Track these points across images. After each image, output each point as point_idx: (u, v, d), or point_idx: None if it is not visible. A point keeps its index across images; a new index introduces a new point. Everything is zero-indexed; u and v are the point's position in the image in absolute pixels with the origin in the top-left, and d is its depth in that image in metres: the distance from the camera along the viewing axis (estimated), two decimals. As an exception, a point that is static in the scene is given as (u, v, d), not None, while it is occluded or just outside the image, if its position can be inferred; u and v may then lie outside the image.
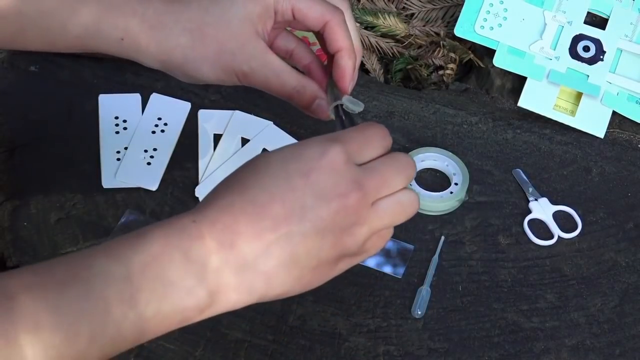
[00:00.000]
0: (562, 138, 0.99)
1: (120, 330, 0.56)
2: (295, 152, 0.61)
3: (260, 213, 0.59)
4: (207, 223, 0.59)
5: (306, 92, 0.76)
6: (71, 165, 0.94)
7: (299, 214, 0.59)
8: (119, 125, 0.97)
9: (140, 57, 0.75)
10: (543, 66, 1.01)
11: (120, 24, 0.74)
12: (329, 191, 0.60)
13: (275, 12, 0.76)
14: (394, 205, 0.63)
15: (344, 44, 0.76)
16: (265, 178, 0.60)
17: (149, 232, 0.58)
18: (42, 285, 0.55)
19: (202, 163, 0.94)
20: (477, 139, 0.99)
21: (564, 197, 0.94)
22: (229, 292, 0.59)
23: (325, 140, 0.61)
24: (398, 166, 0.63)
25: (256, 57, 0.75)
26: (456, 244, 0.90)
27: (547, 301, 0.87)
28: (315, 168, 0.60)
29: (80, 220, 0.90)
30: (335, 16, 0.76)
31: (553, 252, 0.90)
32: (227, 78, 0.75)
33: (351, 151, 0.61)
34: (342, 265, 0.63)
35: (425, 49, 1.10)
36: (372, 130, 0.64)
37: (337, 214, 0.60)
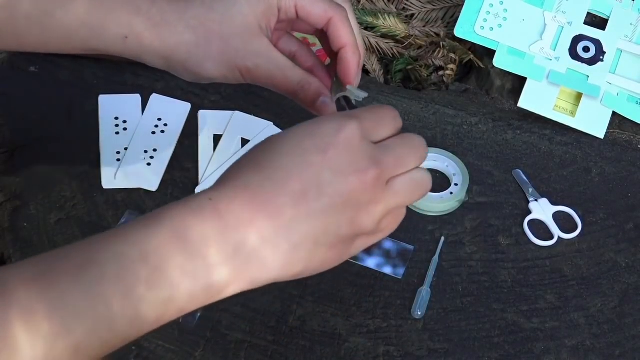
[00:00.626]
0: (562, 139, 0.99)
1: (138, 312, 0.56)
2: (310, 129, 0.61)
3: (278, 190, 0.58)
4: (224, 201, 0.58)
5: (311, 88, 0.76)
6: (71, 166, 0.94)
7: (316, 190, 0.59)
8: (119, 125, 0.97)
9: (144, 56, 0.75)
10: (543, 67, 1.01)
11: (124, 22, 0.74)
12: (346, 167, 0.59)
13: (279, 10, 0.76)
14: (409, 183, 0.63)
15: (349, 40, 0.76)
16: (281, 155, 0.59)
17: (164, 212, 0.58)
18: (57, 270, 0.55)
19: (202, 163, 0.94)
20: (477, 139, 0.99)
21: (564, 198, 0.94)
22: (247, 270, 0.58)
23: (340, 117, 0.61)
24: (411, 145, 0.64)
25: (260, 53, 0.75)
26: (456, 245, 0.90)
27: (547, 302, 0.87)
28: (332, 144, 0.59)
29: (81, 221, 0.90)
30: (339, 12, 0.76)
31: (553, 252, 0.90)
32: (230, 75, 0.75)
33: (366, 129, 0.61)
34: (359, 244, 0.63)
35: (425, 50, 1.10)
36: (384, 110, 0.65)
37: (355, 190, 0.59)
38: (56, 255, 0.57)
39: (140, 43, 0.74)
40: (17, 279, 0.54)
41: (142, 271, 0.55)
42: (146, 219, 0.58)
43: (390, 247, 0.89)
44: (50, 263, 0.56)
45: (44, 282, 0.54)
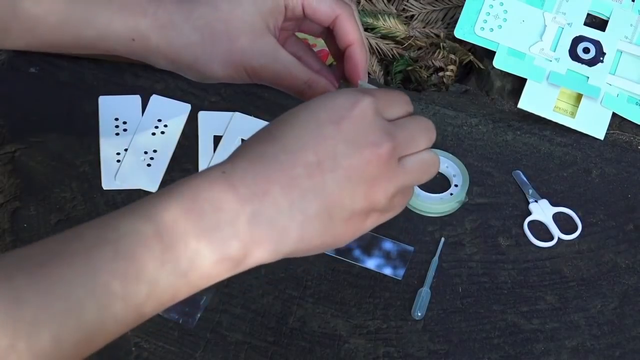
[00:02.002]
0: (562, 139, 0.99)
1: (153, 289, 0.55)
2: (325, 102, 0.61)
3: (293, 161, 0.58)
4: (238, 173, 0.58)
5: (318, 87, 0.76)
6: (71, 167, 0.94)
7: (331, 161, 0.59)
8: (118, 126, 0.97)
9: (151, 57, 0.75)
10: (543, 68, 1.01)
11: (131, 24, 0.74)
12: (361, 139, 0.59)
13: (286, 8, 0.76)
14: (420, 163, 0.63)
15: (356, 37, 0.77)
16: (296, 128, 0.59)
17: (176, 187, 0.58)
18: (69, 251, 0.55)
19: (202, 164, 0.94)
20: (477, 140, 0.99)
21: (564, 199, 0.94)
22: (263, 243, 0.58)
23: (355, 91, 0.62)
24: (423, 126, 0.64)
25: (267, 52, 0.75)
26: (456, 246, 0.90)
27: (547, 303, 0.87)
28: (347, 117, 0.60)
29: (80, 222, 0.89)
30: (346, 10, 0.76)
31: (553, 253, 0.90)
32: (237, 75, 0.75)
33: (380, 105, 0.62)
34: (371, 221, 0.63)
35: (425, 51, 1.10)
36: (397, 92, 0.65)
37: (369, 162, 0.60)
38: (67, 235, 0.57)
39: (146, 45, 0.74)
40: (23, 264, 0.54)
41: (157, 247, 0.55)
42: (159, 195, 0.57)
43: (390, 248, 0.89)
44: (62, 243, 0.56)
45: (52, 264, 0.54)
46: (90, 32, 0.74)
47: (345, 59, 0.77)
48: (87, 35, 0.74)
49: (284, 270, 0.88)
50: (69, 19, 0.74)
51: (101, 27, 0.74)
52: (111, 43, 0.75)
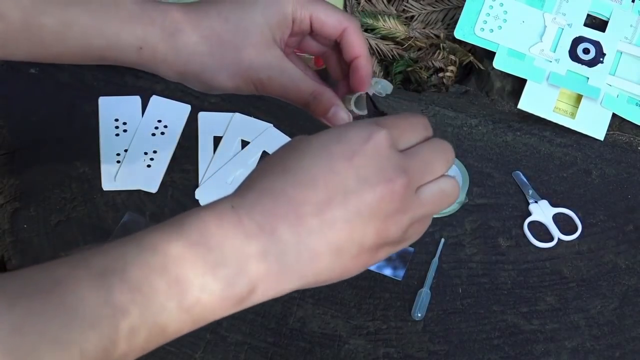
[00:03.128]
0: (562, 140, 0.99)
1: (157, 322, 0.55)
2: (338, 134, 0.59)
3: (302, 197, 0.57)
4: (246, 207, 0.57)
5: (323, 99, 0.76)
6: (71, 168, 0.94)
7: (342, 198, 0.57)
8: (119, 127, 0.97)
9: (158, 67, 0.75)
10: (543, 68, 1.01)
11: (140, 33, 0.74)
12: (373, 176, 0.58)
13: (293, 21, 0.76)
14: (437, 193, 0.62)
15: (363, 50, 0.77)
16: (307, 160, 0.58)
17: (185, 219, 0.57)
18: (74, 279, 0.54)
19: (202, 165, 0.95)
20: (477, 141, 0.99)
21: (564, 200, 0.94)
22: (269, 280, 0.57)
23: (369, 124, 0.60)
24: (438, 149, 0.63)
25: (273, 65, 0.75)
26: (456, 246, 0.90)
27: (547, 303, 0.87)
28: (360, 151, 0.58)
29: (81, 223, 0.90)
30: (353, 23, 0.77)
31: (553, 254, 0.90)
32: (243, 86, 0.75)
33: (395, 136, 0.60)
34: (382, 253, 0.61)
35: (425, 52, 1.10)
36: (415, 118, 0.64)
37: (382, 199, 0.58)
38: (73, 262, 0.56)
39: (154, 54, 0.74)
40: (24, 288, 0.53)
41: (162, 280, 0.55)
42: (168, 225, 0.57)
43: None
44: (67, 268, 0.55)
45: (56, 291, 0.53)
46: (99, 41, 0.74)
47: (351, 70, 0.77)
48: (95, 44, 0.74)
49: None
50: (78, 28, 0.73)
51: (110, 36, 0.74)
52: (119, 53, 0.74)
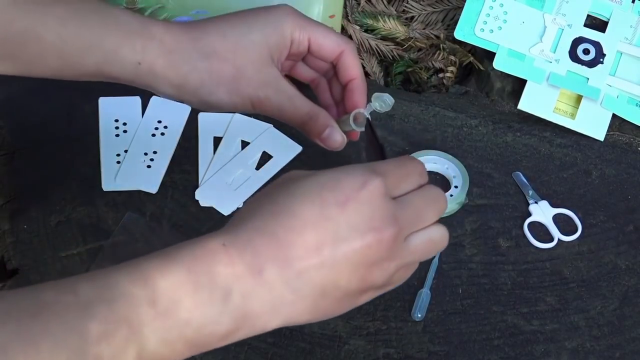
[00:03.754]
0: (562, 141, 1.00)
1: (142, 355, 0.55)
2: (333, 179, 0.60)
3: (292, 240, 0.58)
4: (237, 247, 0.58)
5: (319, 119, 0.77)
6: (71, 168, 0.94)
7: (331, 244, 0.58)
8: (119, 128, 0.97)
9: (155, 83, 0.76)
10: (543, 69, 1.01)
11: (139, 47, 0.74)
12: (364, 224, 0.59)
13: (292, 42, 0.78)
14: (426, 241, 0.63)
15: (359, 72, 0.79)
16: (300, 202, 0.59)
17: (176, 253, 0.57)
18: (61, 304, 0.54)
19: (202, 166, 0.95)
20: (477, 141, 0.99)
21: (564, 200, 0.94)
22: (254, 319, 0.58)
23: (365, 171, 0.60)
24: (431, 199, 0.63)
25: (271, 83, 0.76)
26: (456, 247, 0.90)
27: (547, 304, 0.87)
28: (353, 199, 0.59)
29: (81, 223, 0.90)
30: (350, 45, 0.79)
31: (553, 254, 0.90)
32: (241, 104, 0.76)
33: (389, 184, 0.61)
34: (366, 297, 0.62)
35: (425, 52, 1.10)
36: (411, 165, 0.64)
37: (370, 248, 0.59)
38: (61, 287, 0.56)
39: (152, 70, 0.75)
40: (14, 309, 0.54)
41: (150, 313, 0.55)
42: (159, 258, 0.57)
43: (390, 249, 0.89)
44: (56, 293, 0.55)
45: (43, 316, 0.53)
46: (97, 55, 0.74)
47: (347, 92, 0.79)
48: (93, 58, 0.74)
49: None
50: (77, 42, 0.74)
51: (108, 50, 0.74)
52: (117, 67, 0.75)
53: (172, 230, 0.90)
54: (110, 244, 0.88)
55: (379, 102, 0.77)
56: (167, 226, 0.90)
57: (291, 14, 0.77)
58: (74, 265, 0.87)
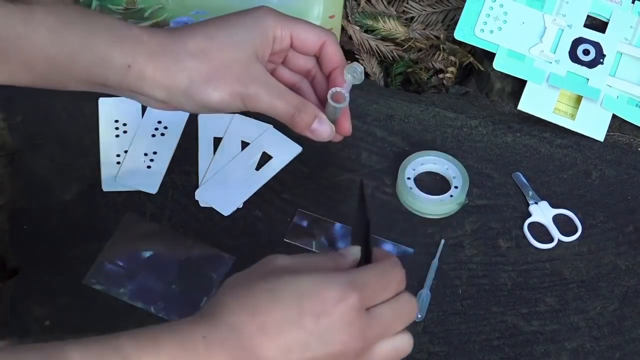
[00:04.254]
0: (562, 141, 1.00)
1: None
2: (313, 289, 0.63)
3: (267, 342, 0.62)
4: (216, 342, 0.61)
5: (307, 110, 0.80)
6: (71, 169, 0.94)
7: (299, 351, 0.62)
8: (118, 128, 0.97)
9: (144, 87, 0.77)
10: (543, 69, 1.01)
11: (128, 51, 0.76)
12: (333, 338, 0.62)
13: (274, 40, 0.81)
14: (391, 350, 0.66)
15: (341, 60, 0.83)
16: (280, 306, 0.62)
17: (160, 338, 0.61)
18: None
19: (202, 166, 0.95)
20: (477, 142, 0.99)
21: (564, 201, 0.95)
22: None
23: (344, 284, 0.63)
24: (403, 312, 0.66)
25: (259, 79, 0.79)
26: (456, 248, 0.91)
27: (547, 304, 0.87)
28: (327, 313, 0.62)
29: (81, 224, 0.90)
30: (331, 36, 0.83)
31: (553, 255, 0.91)
32: (232, 101, 0.78)
33: (366, 297, 0.64)
34: None
35: (425, 53, 1.11)
36: (392, 274, 0.67)
37: (334, 358, 0.63)
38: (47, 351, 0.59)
39: (141, 73, 0.76)
40: None
41: None
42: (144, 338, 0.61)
43: (390, 250, 0.90)
44: None
45: None
46: (87, 59, 0.75)
47: (330, 82, 0.83)
48: (83, 62, 0.76)
49: (284, 272, 0.88)
50: (66, 46, 0.75)
51: (98, 54, 0.75)
52: (107, 71, 0.76)
53: (172, 231, 0.90)
54: (110, 244, 0.88)
55: (350, 74, 0.81)
56: (167, 227, 0.90)
57: (271, 13, 0.81)
58: (74, 265, 0.87)
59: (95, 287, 0.86)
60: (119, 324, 0.84)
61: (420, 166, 0.95)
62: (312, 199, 0.93)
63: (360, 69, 0.81)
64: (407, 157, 0.95)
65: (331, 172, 0.95)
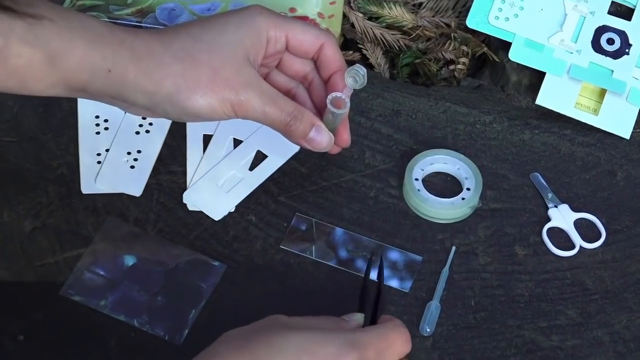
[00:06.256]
0: (585, 139, 1.00)
1: None
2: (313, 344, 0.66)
3: None
4: None
5: (304, 118, 0.81)
6: (47, 169, 0.94)
7: None
8: (99, 125, 0.97)
9: (126, 92, 0.77)
10: (563, 60, 1.01)
11: (108, 54, 0.76)
12: None
13: (268, 41, 0.81)
14: None
15: (341, 64, 0.84)
16: None
17: None
18: None
19: (191, 166, 0.95)
20: (492, 140, 0.99)
21: (586, 204, 0.94)
22: None
23: (344, 343, 0.66)
24: None
25: (251, 84, 0.79)
26: (468, 255, 0.90)
27: (568, 317, 0.87)
28: None
29: (57, 229, 0.90)
30: (330, 38, 0.83)
31: (574, 263, 0.91)
32: (220, 108, 0.78)
33: (366, 358, 0.67)
34: None
35: (434, 42, 1.11)
36: (394, 335, 0.70)
37: None
38: None
39: (123, 77, 0.77)
40: None
41: None
42: None
43: (397, 258, 0.89)
44: None
45: None
46: (65, 63, 0.75)
47: (329, 87, 0.84)
48: (60, 66, 0.75)
49: (280, 283, 0.88)
50: (43, 50, 0.75)
51: (76, 57, 0.75)
52: (85, 75, 0.76)
53: (158, 237, 0.90)
54: (90, 252, 0.88)
55: (351, 77, 0.81)
56: (152, 232, 0.90)
57: (264, 13, 0.81)
58: (49, 274, 0.87)
59: (73, 298, 0.86)
60: (99, 339, 0.84)
61: (429, 166, 0.95)
62: (310, 202, 0.93)
63: (363, 72, 0.81)
64: (414, 156, 0.95)
65: (331, 172, 0.95)
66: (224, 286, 0.87)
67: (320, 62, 0.84)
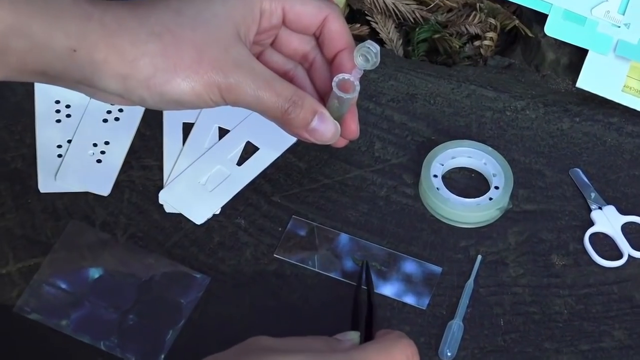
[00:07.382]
0: (634, 128, 1.00)
1: None
2: None
3: None
4: None
5: (304, 104, 0.80)
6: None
7: None
8: (60, 111, 0.97)
9: (95, 74, 0.77)
10: (609, 36, 1.01)
11: (73, 30, 0.75)
12: None
13: (261, 14, 0.81)
14: None
15: (348, 41, 0.83)
16: None
17: None
18: None
19: (168, 160, 0.95)
20: (524, 129, 0.99)
21: (636, 205, 0.95)
22: None
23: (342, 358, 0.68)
24: None
25: (242, 64, 0.78)
26: (497, 266, 0.90)
27: (615, 339, 0.87)
28: None
29: (11, 235, 0.90)
30: (334, 9, 0.83)
31: (622, 275, 0.91)
32: (206, 93, 0.78)
33: None
34: None
35: (456, 13, 1.10)
36: (397, 348, 0.70)
37: None
38: None
39: (91, 58, 0.76)
40: None
41: None
42: None
43: (413, 269, 0.90)
44: None
45: None
46: (21, 42, 0.75)
47: (334, 68, 0.83)
48: (16, 46, 0.75)
49: (274, 297, 0.88)
50: None
51: (35, 35, 0.75)
52: (46, 56, 0.76)
53: (129, 244, 0.90)
54: (49, 261, 0.88)
55: (362, 56, 0.80)
56: (122, 239, 0.90)
57: None
58: (1, 288, 0.86)
59: (29, 316, 0.86)
60: (60, 365, 0.84)
61: (451, 160, 0.95)
62: (310, 202, 0.93)
63: (376, 49, 0.80)
64: (433, 148, 0.95)
65: (335, 168, 0.95)
66: (207, 302, 0.87)
67: (324, 38, 0.84)
